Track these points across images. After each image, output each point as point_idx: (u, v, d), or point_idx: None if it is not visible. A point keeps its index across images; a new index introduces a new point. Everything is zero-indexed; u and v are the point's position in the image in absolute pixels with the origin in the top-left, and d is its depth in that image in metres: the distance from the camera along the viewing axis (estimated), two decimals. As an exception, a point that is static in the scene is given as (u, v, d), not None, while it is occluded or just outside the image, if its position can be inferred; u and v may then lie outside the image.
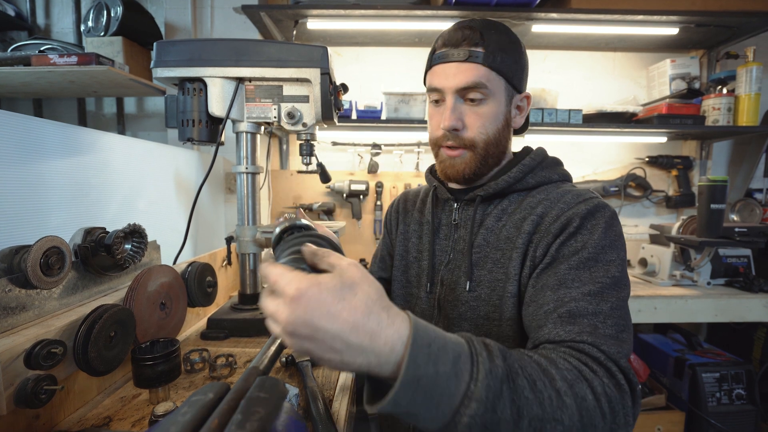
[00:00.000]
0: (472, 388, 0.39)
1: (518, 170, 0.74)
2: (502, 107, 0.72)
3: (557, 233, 0.63)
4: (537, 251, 0.65)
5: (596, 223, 0.62)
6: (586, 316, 0.54)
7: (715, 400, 1.68)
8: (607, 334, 0.52)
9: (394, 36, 1.96)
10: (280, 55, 1.05)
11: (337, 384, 0.86)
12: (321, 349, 0.38)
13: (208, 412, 0.33)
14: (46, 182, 0.88)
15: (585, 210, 0.63)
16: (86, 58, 1.40)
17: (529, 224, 0.67)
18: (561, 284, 0.59)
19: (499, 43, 0.69)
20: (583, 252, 0.60)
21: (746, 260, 1.80)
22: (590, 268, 0.59)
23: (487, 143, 0.73)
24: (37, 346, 0.62)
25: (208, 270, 1.11)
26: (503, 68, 0.70)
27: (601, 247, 0.60)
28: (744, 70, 1.82)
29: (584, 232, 0.62)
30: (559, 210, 0.66)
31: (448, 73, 0.70)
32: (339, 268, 0.41)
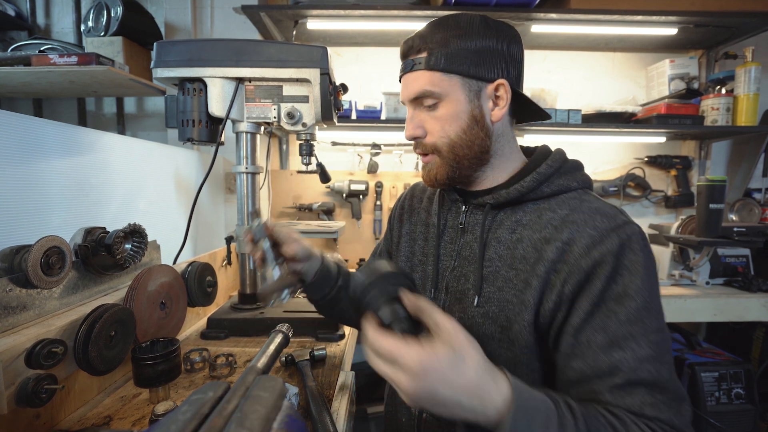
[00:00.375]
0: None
1: (532, 179, 0.67)
2: (462, 106, 0.67)
3: (590, 271, 0.58)
4: (566, 287, 0.59)
5: (635, 259, 0.57)
6: (646, 386, 0.54)
7: (714, 399, 1.68)
8: (669, 404, 0.53)
9: (393, 36, 1.96)
10: (280, 56, 1.06)
11: (336, 384, 0.86)
12: (438, 409, 0.46)
13: (208, 410, 0.34)
14: (47, 182, 0.88)
15: (618, 243, 0.58)
16: (86, 58, 1.40)
17: (554, 251, 0.61)
18: (613, 344, 0.55)
19: (443, 42, 0.65)
20: (630, 302, 0.56)
21: (745, 260, 1.80)
22: (642, 321, 0.55)
23: (452, 146, 0.69)
24: (38, 346, 0.62)
25: (208, 270, 1.11)
26: (452, 65, 0.65)
27: (647, 291, 0.57)
28: (743, 71, 1.82)
29: (624, 272, 0.57)
30: (589, 239, 0.59)
31: (403, 86, 0.72)
32: (446, 332, 0.47)
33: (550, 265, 0.61)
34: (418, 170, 2.10)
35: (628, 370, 0.54)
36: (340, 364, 0.95)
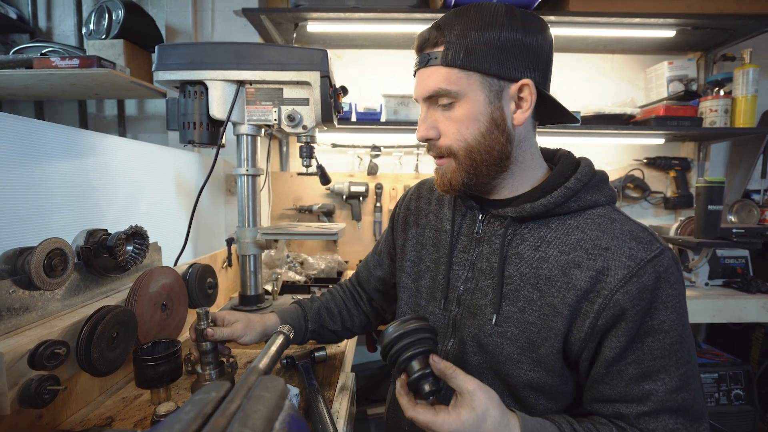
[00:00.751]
0: None
1: (561, 194, 0.62)
2: (480, 107, 0.61)
3: (625, 306, 0.56)
4: (599, 320, 0.57)
5: (671, 293, 0.56)
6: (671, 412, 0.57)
7: (714, 400, 1.68)
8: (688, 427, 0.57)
9: (393, 38, 1.97)
10: (281, 59, 1.06)
11: (337, 384, 0.86)
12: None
13: (211, 410, 0.34)
14: (49, 184, 0.88)
15: (655, 278, 0.56)
16: (88, 60, 1.41)
17: (586, 280, 0.58)
18: (645, 377, 0.57)
19: (462, 34, 0.59)
20: (664, 338, 0.56)
21: (744, 261, 1.81)
22: (675, 354, 0.56)
23: (469, 151, 0.63)
24: (41, 347, 0.62)
25: (208, 271, 1.12)
26: (472, 61, 0.59)
27: (681, 325, 0.57)
28: (741, 72, 1.83)
29: (660, 307, 0.56)
30: (625, 271, 0.56)
31: (417, 82, 0.66)
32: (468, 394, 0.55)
33: (581, 294, 0.58)
34: (418, 172, 2.11)
35: (656, 400, 0.56)
36: (341, 366, 0.95)
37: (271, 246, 1.22)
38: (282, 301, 1.27)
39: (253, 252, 1.17)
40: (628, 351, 0.57)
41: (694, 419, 0.58)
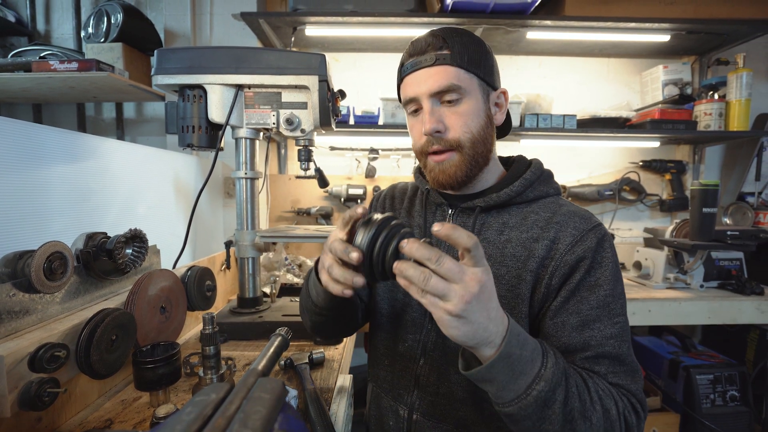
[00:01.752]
0: (542, 372, 0.53)
1: (520, 184, 0.73)
2: (480, 104, 0.71)
3: (573, 265, 0.66)
4: (553, 279, 0.67)
5: (605, 255, 0.67)
6: (610, 358, 0.63)
7: (710, 401, 1.69)
8: (627, 372, 0.63)
9: (391, 42, 1.99)
10: (279, 63, 1.07)
11: (335, 386, 0.87)
12: (483, 312, 0.48)
13: (211, 411, 0.35)
14: (48, 188, 0.89)
15: (595, 241, 0.67)
16: (87, 64, 1.42)
17: (542, 249, 0.68)
18: (584, 325, 0.64)
19: (463, 44, 0.70)
20: (600, 290, 0.65)
21: (738, 263, 1.82)
22: (608, 306, 0.64)
23: (474, 141, 0.71)
24: (41, 350, 0.63)
25: (207, 274, 1.12)
26: (473, 66, 0.70)
27: (614, 282, 0.66)
28: (734, 76, 1.85)
29: (597, 266, 0.66)
30: (572, 238, 0.67)
31: (419, 80, 0.70)
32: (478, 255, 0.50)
33: (540, 261, 0.68)
34: (416, 174, 2.12)
35: (596, 344, 0.63)
36: (339, 368, 0.96)
37: (269, 249, 1.22)
38: (280, 303, 1.27)
39: (251, 255, 1.18)
40: (569, 301, 0.65)
41: (632, 369, 0.63)
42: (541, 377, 0.52)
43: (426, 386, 0.74)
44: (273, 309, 1.21)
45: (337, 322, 0.78)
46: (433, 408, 0.73)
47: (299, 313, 0.84)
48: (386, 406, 0.80)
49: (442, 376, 0.73)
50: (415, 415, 0.74)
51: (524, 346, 0.52)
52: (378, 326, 0.84)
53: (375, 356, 0.86)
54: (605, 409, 0.57)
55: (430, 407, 0.73)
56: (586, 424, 0.55)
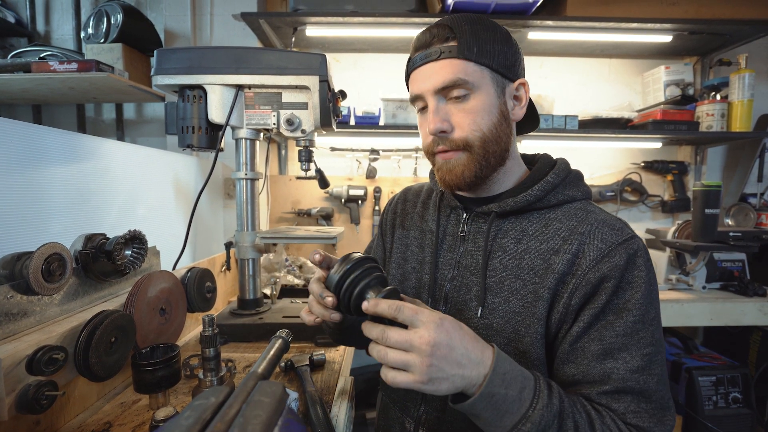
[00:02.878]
0: (530, 414, 0.50)
1: (541, 188, 0.66)
2: (492, 99, 0.65)
3: (597, 284, 0.59)
4: (573, 299, 0.60)
5: (638, 274, 0.59)
6: (633, 394, 0.56)
7: (712, 403, 1.68)
8: (653, 413, 0.56)
9: (392, 42, 1.98)
10: (280, 63, 1.07)
11: (336, 389, 0.86)
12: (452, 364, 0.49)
13: (210, 415, 0.34)
14: (47, 189, 0.88)
15: (625, 258, 0.59)
16: (86, 64, 1.41)
17: (563, 264, 0.61)
18: (606, 354, 0.57)
19: (473, 33, 0.63)
20: (628, 316, 0.57)
21: (741, 264, 1.81)
22: (637, 334, 0.57)
23: (484, 140, 0.65)
24: (39, 352, 0.62)
25: (207, 275, 1.11)
26: (484, 57, 0.63)
27: (646, 306, 0.58)
28: (737, 77, 1.84)
29: (627, 287, 0.59)
30: (598, 252, 0.60)
31: (425, 76, 0.65)
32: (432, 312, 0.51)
33: (559, 277, 0.61)
34: (417, 176, 2.11)
35: (618, 379, 0.56)
36: (339, 369, 0.95)
37: (269, 250, 1.21)
38: (281, 305, 1.27)
39: (251, 256, 1.17)
40: (592, 326, 0.59)
41: (659, 407, 0.56)
42: (528, 418, 0.50)
43: (433, 401, 0.71)
44: (273, 310, 1.20)
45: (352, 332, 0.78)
46: (439, 425, 0.69)
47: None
48: (393, 417, 0.78)
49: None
50: (420, 430, 0.72)
51: (510, 385, 0.50)
52: None
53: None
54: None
55: (436, 423, 0.70)
56: None
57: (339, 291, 0.56)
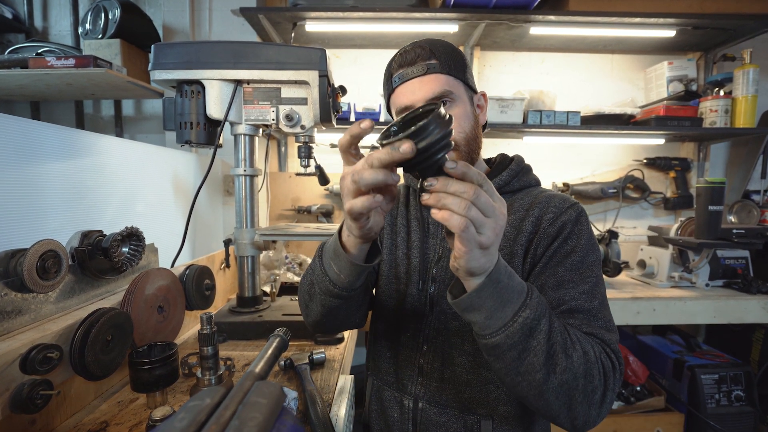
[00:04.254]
0: (528, 301, 0.55)
1: (508, 174, 0.82)
2: (468, 107, 0.78)
3: (554, 236, 0.73)
4: (537, 250, 0.73)
5: (582, 228, 0.73)
6: (583, 312, 0.67)
7: (714, 401, 1.68)
8: (600, 325, 0.66)
9: (392, 38, 1.97)
10: (279, 58, 1.05)
11: (336, 387, 0.85)
12: (498, 241, 0.51)
13: (205, 417, 0.33)
14: (44, 185, 0.87)
15: (574, 216, 0.74)
16: (84, 60, 1.40)
17: (529, 224, 0.75)
18: (559, 285, 0.69)
19: (447, 53, 0.76)
20: (574, 256, 0.71)
21: (744, 262, 1.80)
22: (579, 269, 0.70)
23: (468, 141, 0.77)
24: (33, 351, 0.61)
25: (206, 273, 1.10)
26: (458, 73, 0.76)
27: (587, 250, 0.72)
28: (741, 72, 1.82)
29: (573, 237, 0.72)
30: (553, 213, 0.74)
31: (413, 89, 0.75)
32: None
33: (528, 236, 0.75)
34: (417, 172, 2.10)
35: (569, 299, 0.67)
36: (340, 368, 0.94)
37: (269, 247, 1.20)
38: (280, 302, 1.26)
39: (251, 253, 1.16)
40: (548, 266, 0.71)
41: (605, 326, 0.66)
42: (527, 305, 0.55)
43: (430, 373, 0.77)
44: (273, 308, 1.19)
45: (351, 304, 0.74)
46: (439, 394, 0.76)
47: (302, 304, 0.79)
48: (389, 398, 0.82)
49: (446, 361, 0.76)
50: (420, 404, 0.77)
51: (512, 277, 0.55)
52: (379, 319, 0.87)
53: (377, 350, 0.87)
54: (584, 351, 0.58)
55: (435, 393, 0.76)
56: (568, 360, 0.56)
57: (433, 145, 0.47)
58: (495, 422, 0.74)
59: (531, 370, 0.56)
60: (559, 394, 0.57)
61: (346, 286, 0.66)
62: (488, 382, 0.74)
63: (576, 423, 0.59)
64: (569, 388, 0.57)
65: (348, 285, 0.66)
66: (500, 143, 2.14)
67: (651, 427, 1.67)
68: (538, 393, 0.57)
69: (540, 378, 0.56)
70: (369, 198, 0.52)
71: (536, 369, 0.55)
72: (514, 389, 0.60)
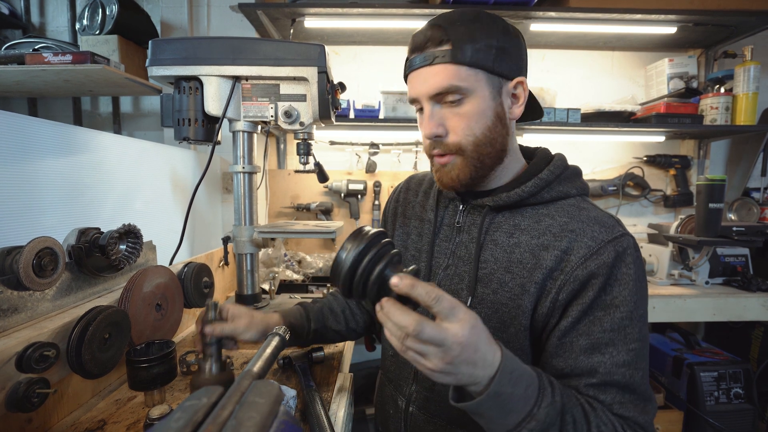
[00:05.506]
0: (535, 411, 0.49)
1: (533, 185, 0.67)
2: (487, 102, 0.65)
3: (584, 281, 0.60)
4: (560, 295, 0.61)
5: (627, 272, 0.60)
6: (619, 387, 0.57)
7: (714, 399, 1.68)
8: (637, 404, 0.57)
9: (392, 35, 1.95)
10: (277, 54, 1.04)
11: (335, 385, 0.85)
12: (469, 364, 0.47)
13: (202, 417, 0.33)
14: (40, 182, 0.87)
15: (613, 255, 0.60)
16: (81, 56, 1.39)
17: (552, 260, 0.62)
18: (594, 349, 0.58)
19: (468, 33, 0.62)
20: (615, 312, 0.58)
21: (744, 259, 1.80)
22: (624, 330, 0.58)
23: (477, 145, 0.66)
24: (29, 349, 0.61)
25: (204, 270, 1.10)
26: (478, 59, 0.62)
27: (634, 303, 0.59)
28: (742, 70, 1.82)
29: (614, 284, 0.59)
30: (587, 250, 0.60)
31: (420, 80, 0.66)
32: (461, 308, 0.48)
33: (547, 273, 0.62)
34: (417, 169, 2.09)
35: (604, 372, 0.57)
36: (338, 366, 0.94)
37: (268, 244, 1.20)
38: (279, 300, 1.25)
39: (249, 251, 1.16)
40: (581, 322, 0.60)
41: (642, 399, 0.58)
42: (533, 416, 0.49)
43: (423, 381, 0.74)
44: (272, 306, 1.19)
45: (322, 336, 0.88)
46: (428, 403, 0.73)
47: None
48: (388, 395, 0.81)
49: None
50: (411, 408, 0.75)
51: (517, 384, 0.49)
52: None
53: (384, 346, 0.87)
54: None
55: (425, 402, 0.73)
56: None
57: (355, 270, 0.49)
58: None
59: None
60: None
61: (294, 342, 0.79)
62: None
63: None
64: None
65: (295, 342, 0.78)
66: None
67: (650, 424, 1.67)
68: None
69: None
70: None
71: None
72: None
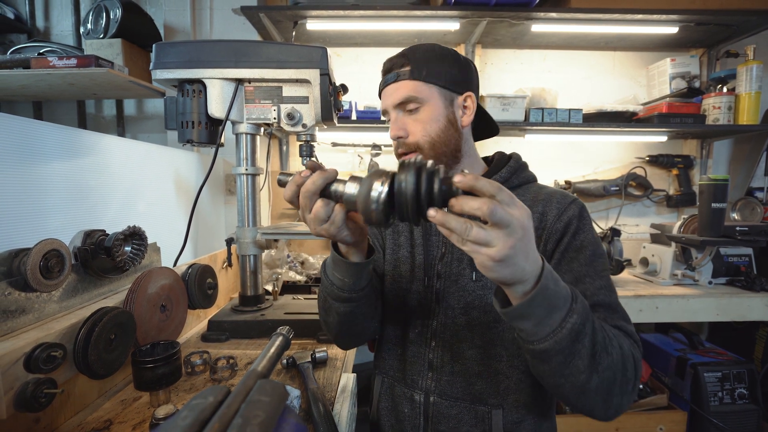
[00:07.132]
0: (575, 306, 0.55)
1: (507, 171, 0.83)
2: (440, 110, 0.80)
3: (562, 231, 0.75)
4: (547, 245, 0.75)
5: (586, 222, 0.77)
6: (605, 306, 0.69)
7: (717, 399, 1.67)
8: (622, 317, 0.70)
9: (393, 36, 1.96)
10: (280, 56, 1.05)
11: (338, 386, 0.85)
12: (523, 254, 0.49)
13: (208, 416, 0.33)
14: (46, 185, 0.88)
15: (577, 211, 0.76)
16: (86, 60, 1.40)
17: (534, 221, 0.75)
18: (578, 280, 0.71)
19: (425, 58, 0.80)
20: (586, 251, 0.73)
21: (747, 259, 1.79)
22: (594, 263, 0.72)
23: (433, 144, 0.80)
24: (37, 350, 0.61)
25: (208, 272, 1.11)
26: (432, 77, 0.79)
27: (596, 243, 0.75)
28: (744, 69, 1.81)
29: (581, 232, 0.75)
30: (557, 209, 0.77)
31: (387, 94, 0.83)
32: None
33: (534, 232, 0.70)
34: (419, 171, 2.10)
35: (590, 294, 0.69)
36: (342, 366, 0.94)
37: (271, 246, 1.21)
38: (282, 301, 1.26)
39: (253, 252, 1.16)
40: (562, 261, 0.74)
41: (623, 318, 0.69)
42: (574, 310, 0.54)
43: (440, 367, 0.79)
44: (275, 307, 1.19)
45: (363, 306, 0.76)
46: (450, 387, 0.78)
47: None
48: (400, 394, 0.83)
49: (455, 355, 0.78)
50: (432, 398, 0.79)
51: (558, 283, 0.54)
52: (386, 318, 0.87)
53: (385, 348, 0.88)
54: (620, 345, 0.61)
55: (447, 387, 0.78)
56: (608, 359, 0.58)
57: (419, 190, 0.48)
58: (505, 411, 0.76)
59: (575, 372, 0.57)
60: (599, 391, 0.58)
61: (352, 287, 0.71)
62: (498, 373, 0.76)
63: (609, 413, 0.61)
64: (609, 384, 0.59)
65: (353, 285, 0.71)
66: (502, 141, 2.13)
67: (654, 425, 1.67)
68: (579, 392, 0.58)
69: (583, 378, 0.57)
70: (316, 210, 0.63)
71: (581, 371, 0.57)
72: (556, 390, 0.60)
